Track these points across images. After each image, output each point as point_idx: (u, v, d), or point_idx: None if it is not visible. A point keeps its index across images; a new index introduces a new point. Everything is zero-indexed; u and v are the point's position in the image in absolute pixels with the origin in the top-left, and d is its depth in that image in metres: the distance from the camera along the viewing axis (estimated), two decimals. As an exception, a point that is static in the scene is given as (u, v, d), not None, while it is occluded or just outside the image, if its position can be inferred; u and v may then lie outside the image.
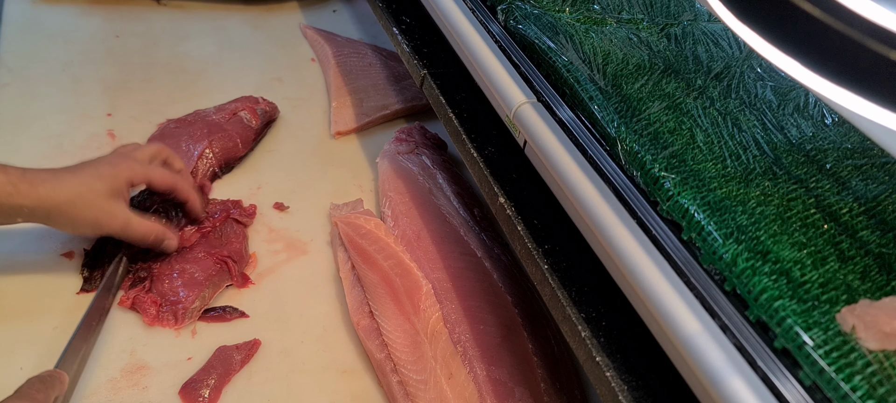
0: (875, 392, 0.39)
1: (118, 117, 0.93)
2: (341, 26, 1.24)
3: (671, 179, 0.52)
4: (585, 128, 0.60)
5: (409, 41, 0.86)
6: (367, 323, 0.72)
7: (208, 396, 0.64)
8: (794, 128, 0.62)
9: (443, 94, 0.77)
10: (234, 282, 0.75)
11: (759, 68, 0.69)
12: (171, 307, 0.70)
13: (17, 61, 0.99)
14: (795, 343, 0.42)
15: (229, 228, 0.80)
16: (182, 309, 0.70)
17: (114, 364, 0.66)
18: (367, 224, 0.81)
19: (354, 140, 1.00)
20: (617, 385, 0.49)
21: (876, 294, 0.45)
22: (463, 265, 0.79)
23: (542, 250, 0.60)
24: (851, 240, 0.50)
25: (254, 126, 0.94)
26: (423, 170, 0.91)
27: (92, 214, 0.66)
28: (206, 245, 0.77)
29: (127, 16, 1.13)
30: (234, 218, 0.81)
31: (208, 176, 0.87)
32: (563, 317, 0.55)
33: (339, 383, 0.69)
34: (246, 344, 0.69)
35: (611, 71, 0.64)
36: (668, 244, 0.50)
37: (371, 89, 1.06)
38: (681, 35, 0.72)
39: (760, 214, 0.50)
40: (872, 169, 0.57)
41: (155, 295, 0.71)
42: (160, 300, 0.71)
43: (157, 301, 0.70)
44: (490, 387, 0.68)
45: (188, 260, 0.75)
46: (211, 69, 1.06)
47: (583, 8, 0.75)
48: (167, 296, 0.71)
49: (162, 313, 0.70)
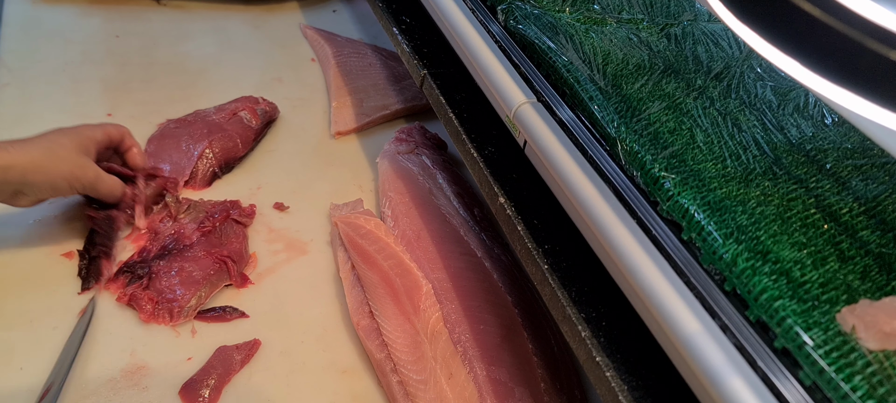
0: (875, 392, 0.39)
1: (118, 117, 0.93)
2: (341, 26, 1.24)
3: (671, 179, 0.52)
4: (585, 128, 0.60)
5: (409, 41, 0.86)
6: (367, 323, 0.72)
7: (208, 396, 0.64)
8: (794, 128, 0.62)
9: (443, 94, 0.77)
10: (234, 282, 0.75)
11: (759, 68, 0.69)
12: (167, 304, 0.70)
13: (17, 61, 0.99)
14: (795, 343, 0.42)
15: (229, 228, 0.80)
16: (178, 306, 0.70)
17: (114, 364, 0.66)
18: (367, 224, 0.81)
19: (354, 140, 1.00)
20: (617, 385, 0.49)
21: (876, 294, 0.45)
22: (463, 265, 0.79)
23: (542, 250, 0.60)
24: (851, 240, 0.50)
25: (254, 126, 0.94)
26: (423, 170, 0.91)
27: (66, 167, 0.69)
28: (205, 244, 0.77)
29: (127, 16, 1.13)
30: (234, 218, 0.81)
31: (208, 176, 0.87)
32: (563, 317, 0.55)
33: (339, 383, 0.69)
34: (246, 344, 0.69)
35: (611, 71, 0.64)
36: (668, 244, 0.50)
37: (371, 89, 1.06)
38: (681, 35, 0.72)
39: (760, 214, 0.50)
40: (872, 169, 0.57)
41: (152, 292, 0.71)
42: (157, 297, 0.71)
43: (154, 297, 0.71)
44: (490, 387, 0.68)
45: (187, 259, 0.75)
46: (211, 69, 1.06)
47: (583, 8, 0.75)
48: (164, 294, 0.71)
49: (158, 310, 0.70)
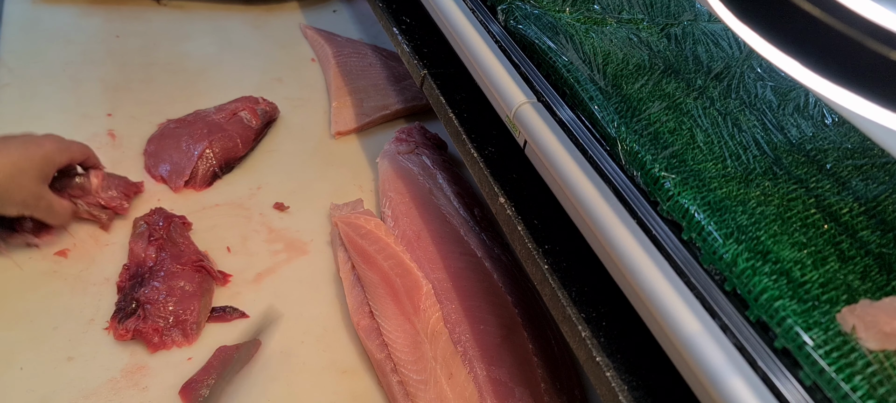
0: (875, 392, 0.39)
1: (118, 117, 0.93)
2: (341, 26, 1.24)
3: (671, 179, 0.52)
4: (585, 128, 0.60)
5: (409, 41, 0.86)
6: (367, 323, 0.72)
7: (208, 396, 0.64)
8: (794, 128, 0.62)
9: (443, 94, 0.77)
10: (217, 281, 0.75)
11: (759, 68, 0.69)
12: (177, 326, 0.69)
13: (17, 61, 0.99)
14: (796, 343, 0.42)
15: (175, 232, 0.77)
16: (188, 323, 0.69)
17: (114, 364, 0.66)
18: (367, 224, 0.81)
19: (354, 140, 1.00)
20: (617, 385, 0.49)
21: (876, 294, 0.45)
22: (463, 265, 0.79)
23: (542, 250, 0.60)
24: (851, 240, 0.50)
25: (254, 126, 0.94)
26: (423, 170, 0.91)
27: (21, 196, 0.68)
28: (171, 258, 0.74)
29: (127, 16, 1.13)
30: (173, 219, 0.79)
31: (208, 176, 0.87)
32: (563, 317, 0.55)
33: (339, 383, 0.69)
34: (246, 344, 0.69)
35: (611, 71, 0.64)
36: (669, 244, 0.50)
37: (371, 89, 1.06)
38: (681, 35, 0.72)
39: (760, 214, 0.50)
40: (872, 169, 0.57)
41: (152, 321, 0.69)
42: (162, 325, 0.69)
43: (159, 327, 0.68)
44: (490, 387, 0.68)
45: (169, 276, 0.72)
46: (211, 69, 1.06)
47: (583, 8, 0.75)
48: (166, 318, 0.69)
49: (165, 337, 0.68)
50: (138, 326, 0.68)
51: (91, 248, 0.76)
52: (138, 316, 0.69)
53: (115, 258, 0.76)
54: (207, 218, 0.83)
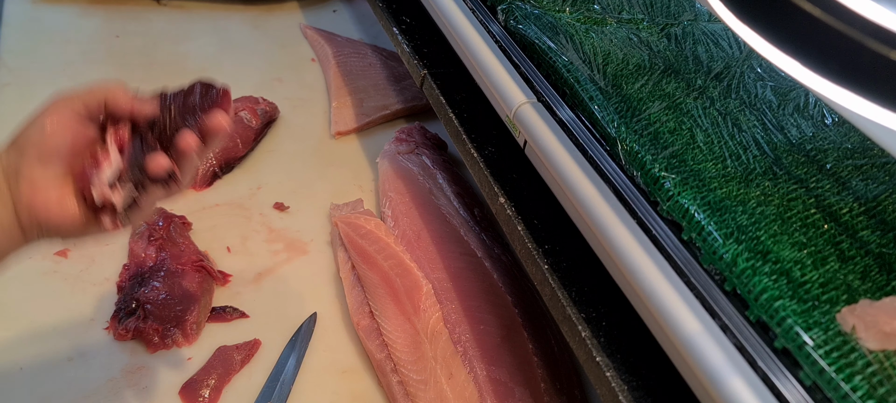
0: (875, 392, 0.39)
1: (118, 117, 0.93)
2: (341, 26, 1.24)
3: (671, 179, 0.52)
4: (585, 128, 0.60)
5: (409, 41, 0.86)
6: (368, 323, 0.72)
7: (208, 396, 0.64)
8: (794, 128, 0.62)
9: (443, 94, 0.77)
10: (217, 281, 0.75)
11: (759, 68, 0.69)
12: (178, 326, 0.69)
13: (17, 61, 0.99)
14: (796, 343, 0.42)
15: (175, 232, 0.77)
16: (188, 324, 0.69)
17: (114, 364, 0.66)
18: (368, 224, 0.81)
19: (354, 140, 1.00)
20: (617, 385, 0.49)
21: (876, 294, 0.45)
22: (463, 265, 0.79)
23: (542, 250, 0.60)
24: (851, 240, 0.50)
25: (254, 126, 0.94)
26: (423, 170, 0.91)
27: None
28: (171, 258, 0.74)
29: (127, 16, 1.13)
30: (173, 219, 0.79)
31: (208, 176, 0.87)
32: (563, 317, 0.55)
33: (339, 383, 0.69)
34: (246, 344, 0.69)
35: (611, 71, 0.64)
36: (669, 244, 0.50)
37: (371, 89, 1.06)
38: (681, 35, 0.72)
39: (761, 214, 0.50)
40: (872, 169, 0.57)
41: (153, 322, 0.68)
42: (162, 326, 0.68)
43: (158, 328, 0.68)
44: (490, 387, 0.68)
45: (169, 276, 0.72)
46: (211, 69, 1.06)
47: (583, 8, 0.75)
48: (167, 319, 0.69)
49: (165, 337, 0.68)
50: (138, 326, 0.68)
51: (91, 248, 0.76)
52: (138, 316, 0.69)
53: (115, 258, 0.76)
54: (207, 218, 0.83)
